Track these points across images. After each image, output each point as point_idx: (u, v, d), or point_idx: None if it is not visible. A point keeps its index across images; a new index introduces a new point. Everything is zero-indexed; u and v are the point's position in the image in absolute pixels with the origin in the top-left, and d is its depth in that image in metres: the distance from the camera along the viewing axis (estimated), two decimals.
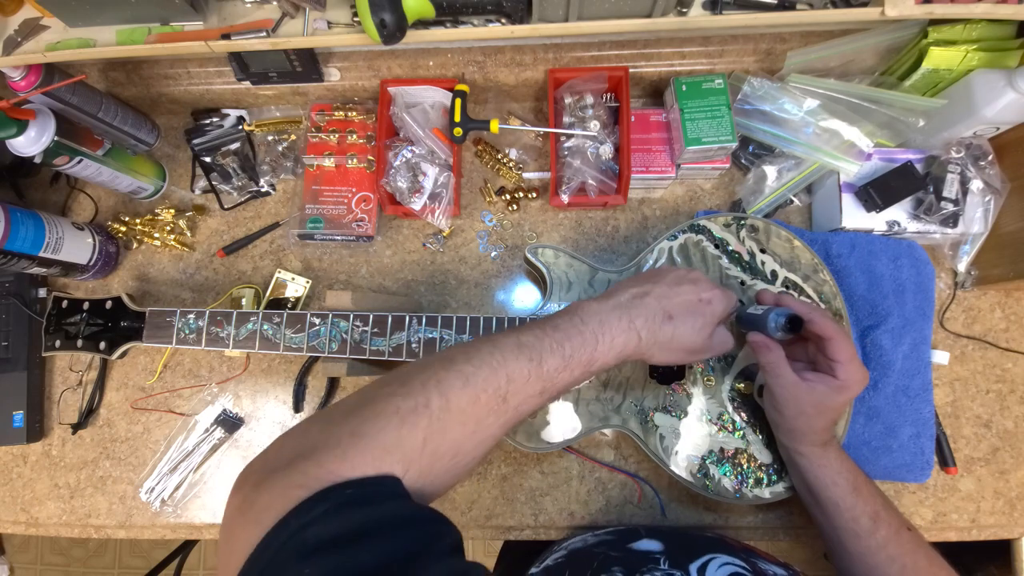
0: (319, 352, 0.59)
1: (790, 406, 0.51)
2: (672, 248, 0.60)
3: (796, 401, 0.50)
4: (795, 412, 0.51)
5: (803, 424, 0.51)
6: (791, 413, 0.51)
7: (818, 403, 0.50)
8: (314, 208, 0.73)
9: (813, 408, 0.50)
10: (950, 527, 0.66)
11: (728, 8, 0.55)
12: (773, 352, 0.51)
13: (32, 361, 0.73)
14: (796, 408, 0.51)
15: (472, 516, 0.68)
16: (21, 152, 0.60)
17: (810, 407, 0.50)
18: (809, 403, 0.50)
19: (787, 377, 0.50)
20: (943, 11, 0.53)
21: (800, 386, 0.50)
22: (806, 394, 0.50)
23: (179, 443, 0.71)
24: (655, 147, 0.70)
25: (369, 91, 0.74)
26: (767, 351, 0.51)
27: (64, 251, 0.67)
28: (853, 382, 0.49)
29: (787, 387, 0.50)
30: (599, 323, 0.43)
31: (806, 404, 0.50)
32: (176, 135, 0.79)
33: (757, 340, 0.52)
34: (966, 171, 0.63)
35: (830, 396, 0.49)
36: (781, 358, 0.51)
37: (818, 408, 0.50)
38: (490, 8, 0.55)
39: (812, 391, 0.50)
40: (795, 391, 0.50)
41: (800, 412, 0.51)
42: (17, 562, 1.68)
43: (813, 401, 0.50)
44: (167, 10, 0.57)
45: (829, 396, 0.49)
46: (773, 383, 0.51)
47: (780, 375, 0.50)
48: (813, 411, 0.50)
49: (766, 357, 0.51)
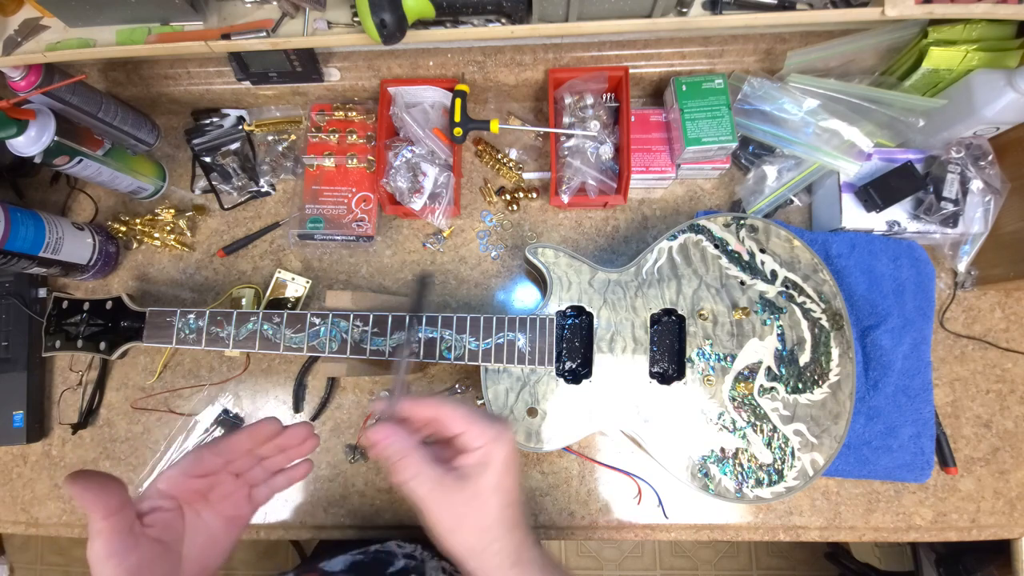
0: (319, 352, 0.59)
1: (448, 519, 0.39)
2: (672, 248, 0.60)
3: (445, 511, 0.39)
4: (454, 525, 0.39)
5: (472, 539, 0.39)
6: (449, 526, 0.39)
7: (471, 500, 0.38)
8: (314, 208, 0.73)
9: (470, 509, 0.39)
10: (950, 527, 0.66)
11: (728, 8, 0.55)
12: (396, 446, 0.39)
13: (32, 361, 0.72)
14: (455, 520, 0.39)
15: None
16: (21, 152, 0.60)
17: (463, 509, 0.38)
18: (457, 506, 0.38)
19: (427, 479, 0.38)
20: (943, 11, 0.53)
21: (440, 489, 0.38)
22: (452, 497, 0.38)
23: (179, 443, 0.71)
24: (655, 147, 0.70)
25: (369, 91, 0.74)
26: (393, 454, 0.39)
27: (64, 251, 0.67)
28: (489, 449, 0.39)
29: (430, 497, 0.38)
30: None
31: (455, 509, 0.38)
32: (176, 135, 0.79)
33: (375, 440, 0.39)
34: (966, 171, 0.63)
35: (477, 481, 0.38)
36: (410, 451, 0.39)
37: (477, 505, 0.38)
38: (490, 8, 0.55)
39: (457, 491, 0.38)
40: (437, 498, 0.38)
41: (459, 524, 0.39)
42: (17, 562, 1.68)
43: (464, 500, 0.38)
44: (167, 10, 0.57)
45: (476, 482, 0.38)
46: (414, 494, 0.39)
47: (419, 478, 0.38)
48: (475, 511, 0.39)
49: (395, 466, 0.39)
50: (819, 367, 0.58)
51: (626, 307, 0.59)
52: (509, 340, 0.58)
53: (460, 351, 0.57)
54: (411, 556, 0.59)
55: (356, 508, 0.69)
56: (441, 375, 0.71)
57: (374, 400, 0.45)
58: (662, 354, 0.60)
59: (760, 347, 0.58)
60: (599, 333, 0.59)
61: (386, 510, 0.68)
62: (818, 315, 0.59)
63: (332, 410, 0.71)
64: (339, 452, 0.70)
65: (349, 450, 0.69)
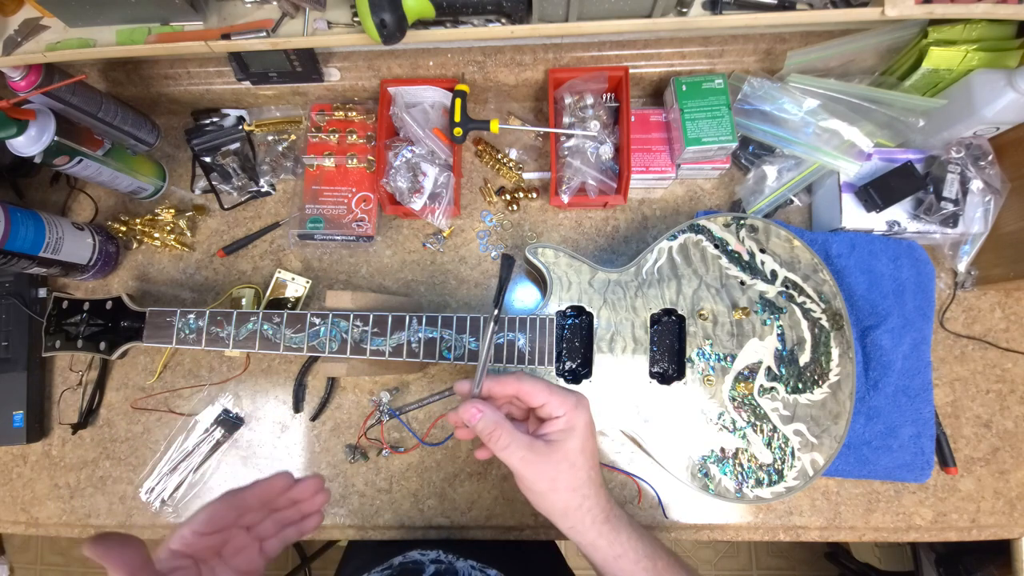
0: (319, 352, 0.59)
1: (542, 481, 0.42)
2: (672, 248, 0.60)
3: (543, 475, 0.42)
4: (548, 487, 0.42)
5: (567, 497, 0.43)
6: (544, 488, 0.43)
7: (563, 462, 0.42)
8: (314, 208, 0.73)
9: (562, 471, 0.43)
10: (950, 527, 0.66)
11: (728, 8, 0.55)
12: (488, 420, 0.42)
13: (32, 361, 0.72)
14: (549, 482, 0.42)
15: (472, 516, 0.68)
16: (21, 152, 0.60)
17: (556, 473, 0.42)
18: (555, 468, 0.42)
19: (519, 447, 0.42)
20: (943, 11, 0.53)
21: (535, 452, 0.42)
22: (545, 463, 0.42)
23: (179, 443, 0.71)
24: (655, 147, 0.70)
25: (369, 91, 0.74)
26: (483, 422, 0.42)
27: (64, 251, 0.67)
28: (573, 415, 0.43)
29: (527, 462, 0.42)
30: None
31: (551, 473, 0.42)
32: (176, 135, 0.79)
33: (467, 415, 0.43)
34: (966, 171, 0.63)
35: (567, 444, 0.42)
36: (501, 423, 0.42)
37: (568, 466, 0.42)
38: (490, 8, 0.55)
39: (551, 454, 0.42)
40: (536, 462, 0.42)
41: (553, 485, 0.43)
42: (17, 562, 1.68)
43: (558, 463, 0.42)
44: (167, 10, 0.57)
45: (566, 445, 0.42)
46: (509, 461, 0.42)
47: (511, 447, 0.42)
48: (568, 470, 0.43)
49: (488, 434, 0.42)
50: (819, 367, 0.58)
51: (626, 307, 0.59)
52: (509, 340, 0.58)
53: (460, 351, 0.57)
54: (439, 560, 0.59)
55: (356, 508, 0.69)
56: (441, 375, 0.71)
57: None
58: (662, 354, 0.60)
59: (760, 347, 0.58)
60: (599, 333, 0.59)
61: (386, 510, 0.68)
62: (818, 315, 0.59)
63: (332, 410, 0.71)
64: (339, 452, 0.70)
65: (349, 450, 0.69)
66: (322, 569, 1.47)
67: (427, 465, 0.69)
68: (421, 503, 0.68)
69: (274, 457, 0.71)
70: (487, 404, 0.43)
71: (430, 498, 0.68)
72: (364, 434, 0.69)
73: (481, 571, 0.58)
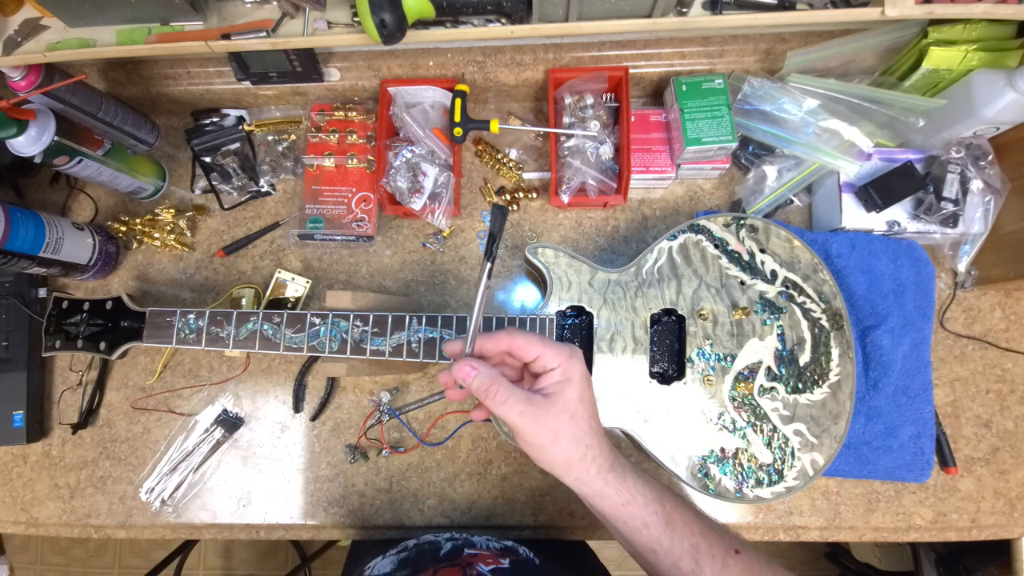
0: (319, 352, 0.59)
1: (544, 434, 0.41)
2: (672, 248, 0.60)
3: (541, 426, 0.41)
4: (550, 439, 0.42)
5: (570, 448, 0.42)
6: (546, 441, 0.42)
7: (563, 413, 0.42)
8: (314, 208, 0.73)
9: (563, 422, 0.42)
10: (950, 527, 0.66)
11: (728, 8, 0.55)
12: (484, 376, 0.41)
13: (32, 361, 0.72)
14: (551, 435, 0.42)
15: (472, 516, 0.68)
16: (21, 152, 0.60)
17: (556, 424, 0.42)
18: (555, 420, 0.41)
19: (518, 401, 0.41)
20: (943, 11, 0.53)
21: (533, 406, 0.41)
22: (544, 415, 0.41)
23: (179, 443, 0.71)
24: (655, 147, 0.70)
25: (369, 91, 0.74)
26: (477, 379, 0.41)
27: (64, 251, 0.67)
28: (568, 366, 0.42)
29: (523, 415, 0.41)
30: None
31: (552, 425, 0.41)
32: (176, 135, 0.79)
33: (460, 375, 0.42)
34: (966, 171, 0.63)
35: (564, 395, 0.42)
36: (497, 378, 0.41)
37: (569, 417, 0.42)
38: (490, 8, 0.55)
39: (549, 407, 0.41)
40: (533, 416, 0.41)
41: (556, 438, 0.42)
42: (17, 562, 1.68)
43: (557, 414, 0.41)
44: (167, 10, 0.57)
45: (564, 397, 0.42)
46: (507, 416, 0.41)
47: (509, 401, 0.41)
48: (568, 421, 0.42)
49: (482, 389, 0.41)
50: (819, 367, 0.58)
51: (626, 307, 0.59)
52: None
53: None
54: (454, 537, 0.59)
55: (356, 508, 0.69)
56: None
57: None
58: (662, 354, 0.60)
59: (760, 347, 0.58)
60: (599, 333, 0.59)
61: (386, 510, 0.68)
62: (818, 315, 0.59)
63: (332, 410, 0.71)
64: (339, 452, 0.70)
65: (349, 450, 0.69)
66: (322, 569, 1.47)
67: (427, 465, 0.69)
68: (421, 503, 0.68)
69: (274, 457, 0.71)
70: (481, 362, 0.42)
71: (430, 498, 0.68)
72: (364, 434, 0.70)
73: (498, 541, 0.58)
